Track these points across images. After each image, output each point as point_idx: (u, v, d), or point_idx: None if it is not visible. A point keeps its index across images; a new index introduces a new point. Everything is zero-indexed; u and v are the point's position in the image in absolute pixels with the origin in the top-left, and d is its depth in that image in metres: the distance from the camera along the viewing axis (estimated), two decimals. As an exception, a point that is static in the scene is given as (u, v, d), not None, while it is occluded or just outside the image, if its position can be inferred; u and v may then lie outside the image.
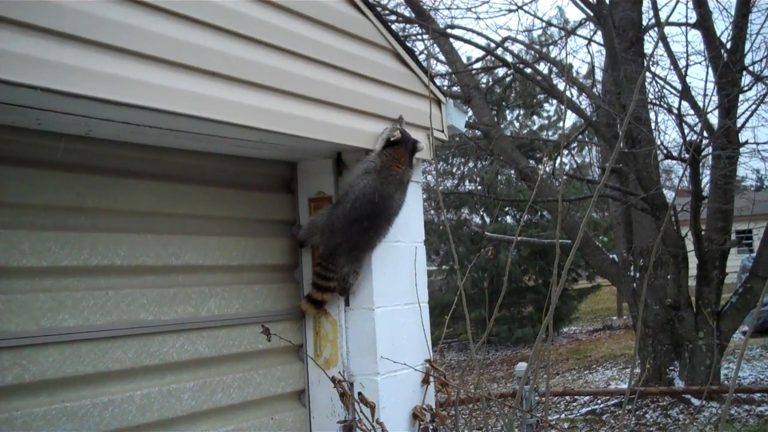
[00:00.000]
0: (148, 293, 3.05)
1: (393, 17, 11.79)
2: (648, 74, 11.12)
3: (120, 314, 2.93)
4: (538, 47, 14.40)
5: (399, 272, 3.84)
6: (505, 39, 13.17)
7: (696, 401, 11.21)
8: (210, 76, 2.76)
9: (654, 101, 11.66)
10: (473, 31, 16.58)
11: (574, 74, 16.32)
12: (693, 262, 12.00)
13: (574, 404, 12.54)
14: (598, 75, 14.69)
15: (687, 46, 21.09)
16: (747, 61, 11.23)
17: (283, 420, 3.58)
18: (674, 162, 14.93)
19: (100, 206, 2.92)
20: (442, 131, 4.15)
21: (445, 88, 12.98)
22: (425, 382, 3.92)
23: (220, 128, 2.90)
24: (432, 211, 17.47)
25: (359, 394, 3.54)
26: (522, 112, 22.11)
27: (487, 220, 21.82)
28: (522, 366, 5.26)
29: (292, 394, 3.70)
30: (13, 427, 2.55)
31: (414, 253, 3.97)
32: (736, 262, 17.59)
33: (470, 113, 11.96)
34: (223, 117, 2.80)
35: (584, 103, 14.66)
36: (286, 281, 3.75)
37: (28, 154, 2.72)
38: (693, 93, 11.23)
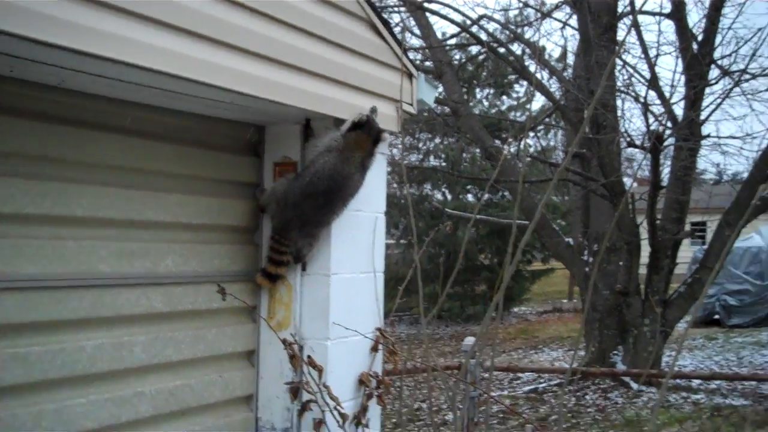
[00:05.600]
0: (107, 246, 3.07)
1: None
2: (618, 61, 11.23)
3: (78, 265, 2.95)
4: (513, 27, 14.43)
5: (357, 241, 3.89)
6: (481, 17, 13.20)
7: (635, 385, 11.50)
8: (185, 34, 2.75)
9: (622, 89, 11.80)
10: (450, 7, 16.51)
11: (547, 57, 16.39)
12: (646, 250, 12.23)
13: (517, 382, 12.77)
14: (571, 59, 14.78)
15: (659, 35, 21.24)
16: (717, 54, 11.37)
17: (231, 378, 3.63)
18: (636, 151, 15.15)
19: (66, 157, 2.93)
20: (412, 105, 4.19)
21: (418, 62, 12.99)
22: (374, 349, 3.99)
23: (191, 87, 2.91)
24: (394, 185, 17.51)
25: (308, 357, 3.60)
26: (492, 91, 22.18)
27: (449, 196, 21.96)
28: (470, 340, 5.37)
29: (243, 354, 3.75)
30: (-38, 368, 2.58)
31: (374, 223, 4.01)
32: (688, 253, 17.93)
33: (441, 89, 11.99)
34: (195, 76, 2.81)
35: (554, 86, 14.75)
36: (245, 243, 3.78)
37: (-3, 100, 2.71)
38: (661, 83, 11.36)
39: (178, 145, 3.40)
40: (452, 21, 12.82)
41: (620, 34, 11.99)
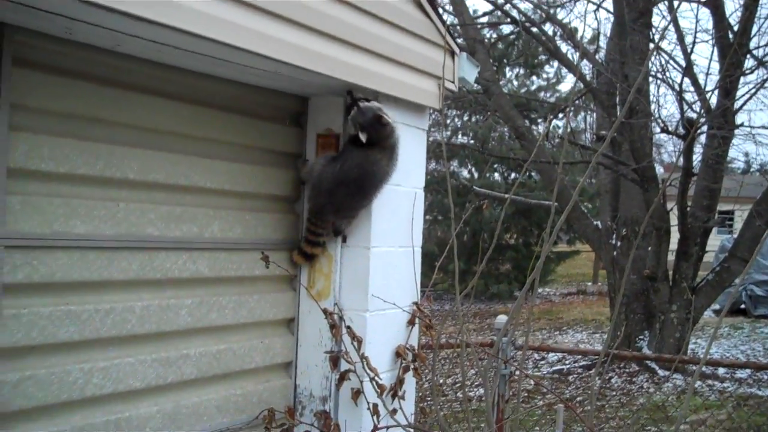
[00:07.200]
0: (156, 209, 3.12)
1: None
2: (652, 46, 11.17)
3: (129, 226, 3.00)
4: (546, 7, 14.34)
5: (397, 215, 3.91)
6: (514, -5, 13.11)
7: (662, 372, 11.49)
8: (234, 2, 2.78)
9: (656, 74, 11.72)
10: (482, -16, 16.42)
11: (579, 38, 16.27)
12: (674, 236, 12.18)
13: (542, 362, 12.80)
14: (603, 42, 14.68)
15: (696, 23, 21.10)
16: (752, 44, 11.27)
17: (272, 345, 3.69)
18: (665, 137, 15.04)
19: (118, 120, 2.97)
20: (453, 82, 4.19)
21: (451, 38, 12.94)
22: (410, 323, 4.03)
23: (238, 55, 2.93)
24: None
25: (348, 327, 3.64)
26: (522, 71, 22.08)
27: (476, 174, 21.94)
28: (502, 318, 5.40)
29: (283, 321, 3.80)
30: (19, 323, 2.65)
31: (413, 198, 4.04)
32: (715, 241, 17.84)
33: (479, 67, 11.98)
34: (243, 44, 2.83)
35: (585, 68, 14.66)
36: (286, 212, 3.82)
37: (55, 61, 2.75)
38: (695, 70, 11.27)
39: (224, 112, 3.43)
40: (486, -2, 12.76)
41: (655, 19, 11.90)
